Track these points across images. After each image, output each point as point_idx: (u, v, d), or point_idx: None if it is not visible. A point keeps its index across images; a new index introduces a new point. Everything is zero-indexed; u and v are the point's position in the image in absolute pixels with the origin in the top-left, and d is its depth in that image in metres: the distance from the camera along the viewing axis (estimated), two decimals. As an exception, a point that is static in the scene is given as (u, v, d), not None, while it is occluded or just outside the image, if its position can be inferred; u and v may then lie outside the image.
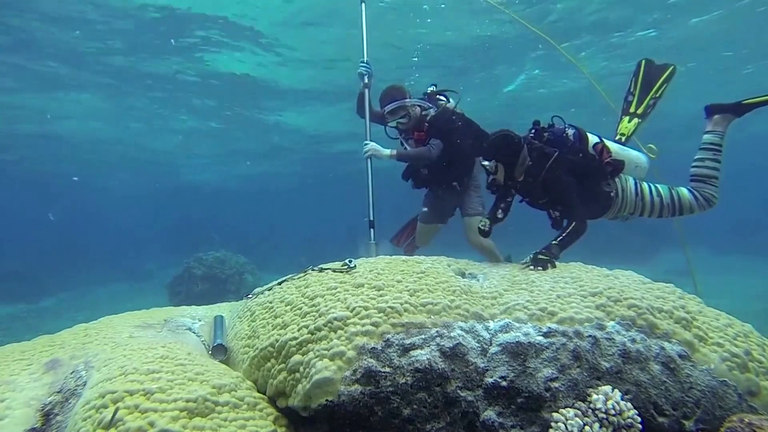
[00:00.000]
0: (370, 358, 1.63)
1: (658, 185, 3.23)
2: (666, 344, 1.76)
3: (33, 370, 1.85)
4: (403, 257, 2.49)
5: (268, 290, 2.35)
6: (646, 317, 1.83)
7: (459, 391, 1.61)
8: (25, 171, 20.38)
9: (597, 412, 1.53)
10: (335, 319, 1.77)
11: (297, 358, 1.70)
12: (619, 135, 3.51)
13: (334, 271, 2.24)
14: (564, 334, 1.73)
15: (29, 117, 13.12)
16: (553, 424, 1.53)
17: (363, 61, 3.92)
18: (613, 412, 1.52)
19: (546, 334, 1.74)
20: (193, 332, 2.33)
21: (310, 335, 1.75)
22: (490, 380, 1.63)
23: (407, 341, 1.68)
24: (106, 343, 2.03)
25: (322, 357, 1.65)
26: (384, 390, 1.58)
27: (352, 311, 1.80)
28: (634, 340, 1.74)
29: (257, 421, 1.56)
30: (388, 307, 1.80)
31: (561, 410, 1.56)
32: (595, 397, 1.57)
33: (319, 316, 1.81)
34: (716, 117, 3.21)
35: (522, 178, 3.01)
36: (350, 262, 2.29)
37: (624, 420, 1.52)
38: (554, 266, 2.44)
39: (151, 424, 1.39)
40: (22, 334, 2.99)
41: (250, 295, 2.48)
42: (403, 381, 1.59)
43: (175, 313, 2.58)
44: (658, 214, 3.23)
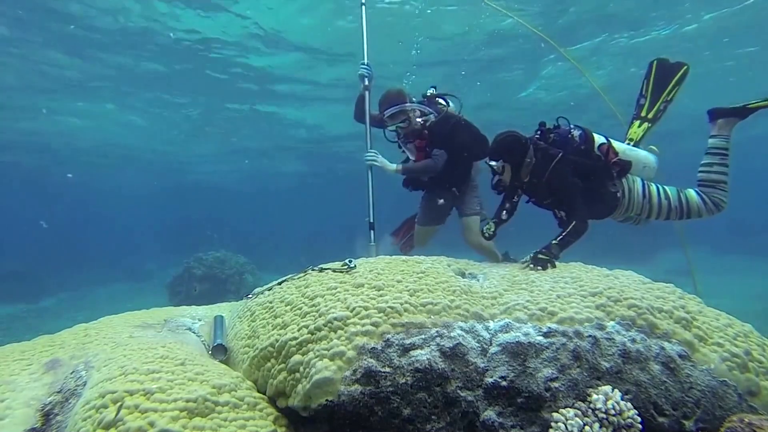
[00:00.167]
0: (370, 358, 1.63)
1: (667, 187, 3.21)
2: (666, 344, 1.76)
3: (33, 370, 1.85)
4: (403, 257, 2.49)
5: (268, 290, 2.35)
6: (646, 317, 1.83)
7: (459, 391, 1.61)
8: (25, 171, 20.39)
9: (597, 412, 1.53)
10: (335, 319, 1.77)
11: (297, 358, 1.70)
12: (628, 140, 3.48)
13: (334, 271, 2.24)
14: (564, 334, 1.73)
15: (29, 116, 13.13)
16: (553, 424, 1.53)
17: (364, 63, 3.87)
18: (613, 412, 1.52)
19: (546, 334, 1.74)
20: (193, 332, 2.33)
21: (310, 335, 1.75)
22: (490, 380, 1.63)
23: (407, 341, 1.68)
24: (106, 343, 2.03)
25: (322, 357, 1.65)
26: (384, 390, 1.58)
27: (352, 311, 1.80)
28: (634, 340, 1.74)
29: (257, 421, 1.56)
30: (388, 307, 1.80)
31: (561, 410, 1.56)
32: (595, 397, 1.57)
33: (319, 316, 1.81)
34: (720, 121, 3.16)
35: (528, 179, 3.03)
36: (350, 262, 2.29)
37: (624, 420, 1.52)
38: (554, 266, 2.43)
39: (151, 424, 1.40)
40: (22, 334, 2.99)
41: (250, 295, 2.48)
42: (403, 381, 1.59)
43: (175, 313, 2.58)
44: (666, 217, 3.21)
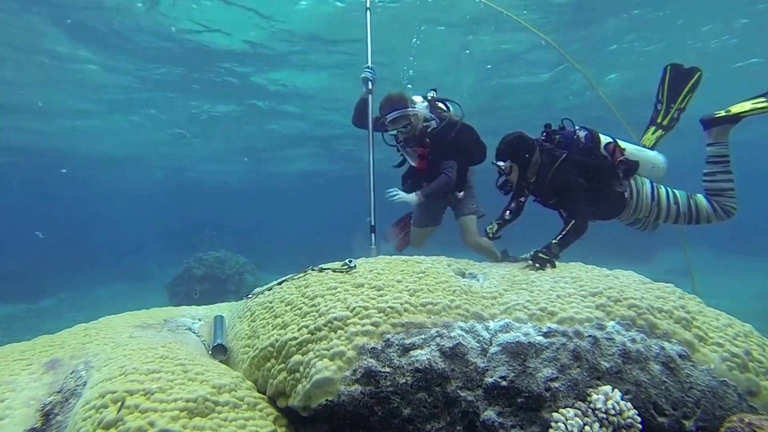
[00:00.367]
0: (370, 358, 1.63)
1: (677, 191, 3.20)
2: (666, 344, 1.76)
3: (33, 370, 1.85)
4: (403, 257, 2.49)
5: (268, 290, 2.35)
6: (646, 317, 1.83)
7: (459, 391, 1.61)
8: (25, 171, 20.37)
9: (597, 412, 1.53)
10: (335, 319, 1.77)
11: (297, 358, 1.70)
12: (641, 146, 3.45)
13: (334, 271, 2.24)
14: (564, 334, 1.73)
15: (30, 114, 13.12)
16: (553, 424, 1.53)
17: (368, 66, 3.85)
18: (613, 412, 1.52)
19: (546, 334, 1.74)
20: (193, 332, 2.33)
21: (310, 335, 1.75)
22: (490, 380, 1.63)
23: (407, 341, 1.68)
24: (106, 343, 2.03)
25: (322, 357, 1.65)
26: (384, 390, 1.58)
27: (352, 311, 1.80)
28: (634, 340, 1.74)
29: (257, 421, 1.56)
30: (388, 307, 1.80)
31: (561, 410, 1.56)
32: (595, 397, 1.57)
33: (319, 316, 1.81)
34: (714, 129, 3.14)
35: (534, 179, 3.06)
36: (350, 262, 2.29)
37: (624, 420, 1.51)
38: (554, 266, 2.43)
39: (151, 424, 1.39)
40: (22, 334, 2.99)
41: (250, 295, 2.48)
42: (403, 381, 1.59)
43: (175, 313, 2.58)
44: (674, 220, 3.20)
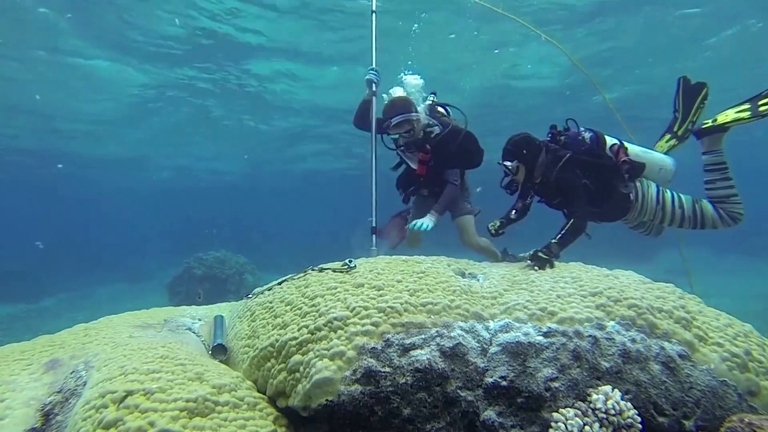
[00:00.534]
0: (370, 358, 1.63)
1: (682, 195, 3.19)
2: (666, 344, 1.76)
3: (33, 370, 1.85)
4: (403, 257, 2.49)
5: (268, 290, 2.35)
6: (646, 317, 1.83)
7: (459, 391, 1.61)
8: (25, 170, 20.35)
9: (597, 412, 1.53)
10: (335, 319, 1.77)
11: (297, 358, 1.70)
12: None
13: (334, 271, 2.24)
14: (564, 334, 1.73)
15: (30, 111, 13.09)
16: (553, 424, 1.53)
17: (372, 69, 3.86)
18: (613, 412, 1.52)
19: (546, 334, 1.74)
20: (193, 332, 2.33)
21: (310, 335, 1.75)
22: (490, 380, 1.63)
23: (407, 341, 1.68)
24: (106, 343, 2.03)
25: (322, 357, 1.65)
26: (384, 390, 1.58)
27: (352, 311, 1.80)
28: (634, 340, 1.74)
29: (257, 421, 1.56)
30: (388, 307, 1.80)
31: (561, 410, 1.56)
32: (595, 396, 1.57)
33: (319, 316, 1.81)
34: (706, 138, 3.16)
35: (539, 180, 3.09)
36: (350, 262, 2.29)
37: (624, 420, 1.51)
38: (552, 265, 2.43)
39: (151, 424, 1.39)
40: (22, 334, 2.99)
41: (250, 295, 2.48)
42: (403, 381, 1.59)
43: (175, 313, 2.58)
44: (679, 224, 3.20)
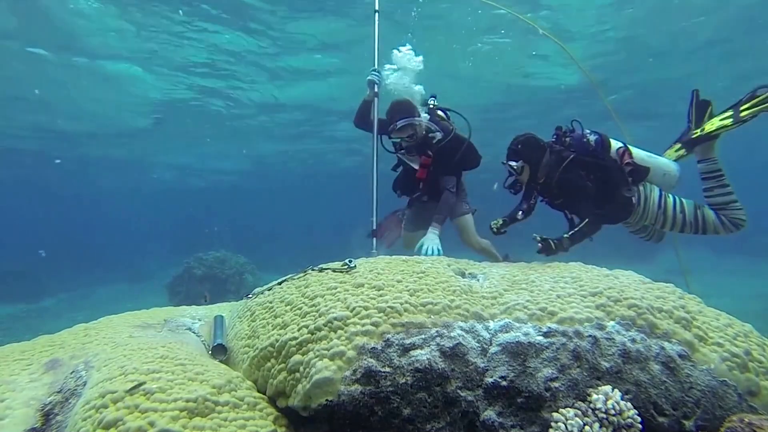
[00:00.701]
0: (370, 357, 1.63)
1: (684, 201, 3.19)
2: (666, 344, 1.76)
3: (33, 370, 1.85)
4: (403, 257, 2.49)
5: (268, 290, 2.35)
6: (646, 317, 1.83)
7: (459, 391, 1.61)
8: (25, 170, 20.35)
9: (597, 412, 1.53)
10: (335, 318, 1.77)
11: (297, 358, 1.70)
12: None
13: (334, 271, 2.24)
14: (564, 334, 1.73)
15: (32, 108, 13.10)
16: (553, 424, 1.53)
17: (374, 69, 3.88)
18: (613, 412, 1.52)
19: (546, 334, 1.74)
20: (193, 332, 2.33)
21: (310, 335, 1.75)
22: (490, 380, 1.63)
23: (407, 341, 1.68)
24: (106, 343, 2.03)
25: (322, 357, 1.65)
26: (384, 390, 1.58)
27: (352, 311, 1.80)
28: (634, 340, 1.74)
29: (257, 421, 1.56)
30: (388, 307, 1.80)
31: (561, 410, 1.56)
32: (595, 396, 1.56)
33: (319, 316, 1.81)
34: (697, 148, 3.16)
35: (543, 180, 3.11)
36: (350, 262, 2.29)
37: (624, 420, 1.51)
38: (556, 253, 2.63)
39: (151, 424, 1.39)
40: (22, 334, 2.99)
41: (250, 295, 2.48)
42: (403, 381, 1.59)
43: (175, 313, 2.58)
44: (680, 229, 3.20)
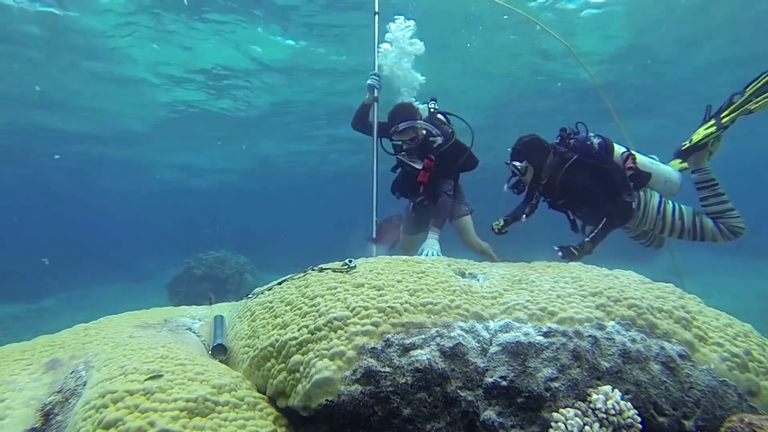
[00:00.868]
0: (370, 357, 1.63)
1: (684, 207, 3.21)
2: (666, 344, 1.76)
3: (33, 370, 1.85)
4: (403, 257, 2.49)
5: (268, 290, 2.35)
6: (646, 317, 1.83)
7: (459, 391, 1.61)
8: (25, 170, 20.35)
9: (597, 412, 1.53)
10: (335, 318, 1.77)
11: (297, 357, 1.70)
12: None
13: (334, 271, 2.24)
14: (564, 334, 1.73)
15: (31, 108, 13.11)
16: (553, 424, 1.53)
17: (374, 73, 3.88)
18: (613, 412, 1.52)
19: (546, 334, 1.74)
20: (193, 332, 2.33)
21: (310, 335, 1.75)
22: (490, 380, 1.63)
23: (407, 341, 1.68)
24: (106, 343, 2.03)
25: (322, 357, 1.65)
26: (384, 390, 1.58)
27: (352, 311, 1.80)
28: (634, 340, 1.74)
29: (257, 421, 1.56)
30: (388, 307, 1.80)
31: (561, 410, 1.56)
32: (595, 396, 1.57)
33: (319, 316, 1.81)
34: (690, 158, 3.17)
35: (546, 181, 3.13)
36: (350, 262, 2.29)
37: (624, 420, 1.51)
38: (575, 260, 2.67)
39: (151, 424, 1.39)
40: (22, 334, 2.99)
41: (250, 295, 2.48)
42: (403, 381, 1.59)
43: (175, 313, 2.58)
44: (678, 235, 3.22)
